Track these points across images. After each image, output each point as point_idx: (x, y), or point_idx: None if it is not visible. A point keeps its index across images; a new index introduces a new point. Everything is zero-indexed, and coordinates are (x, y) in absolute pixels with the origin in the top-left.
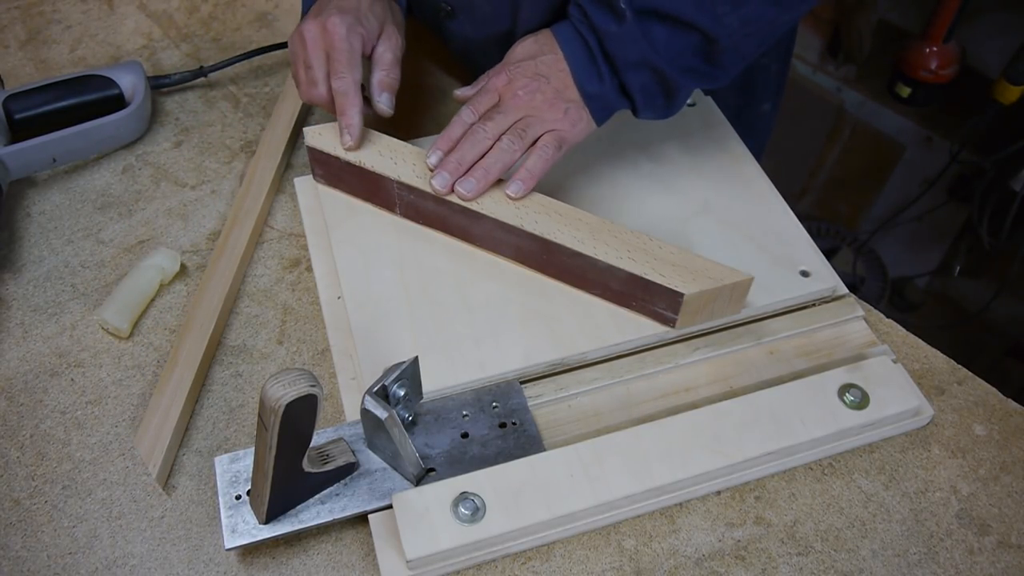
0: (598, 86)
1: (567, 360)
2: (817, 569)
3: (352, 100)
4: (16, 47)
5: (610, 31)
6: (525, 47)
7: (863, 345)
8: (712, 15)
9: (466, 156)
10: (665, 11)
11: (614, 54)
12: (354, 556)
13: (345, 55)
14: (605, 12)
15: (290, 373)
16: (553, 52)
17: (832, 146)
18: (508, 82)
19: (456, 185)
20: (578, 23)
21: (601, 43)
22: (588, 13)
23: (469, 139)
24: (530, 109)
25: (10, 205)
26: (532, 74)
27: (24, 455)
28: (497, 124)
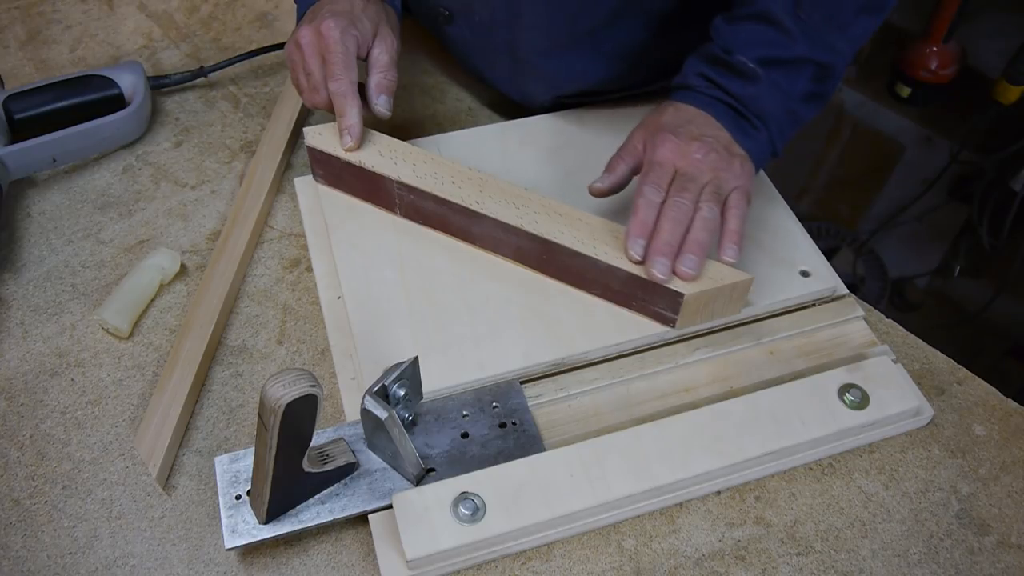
0: (754, 139)
1: (567, 360)
2: (817, 569)
3: (350, 101)
4: (16, 47)
5: (748, 93)
6: (670, 116)
7: (863, 345)
8: (825, 46)
9: (675, 235)
10: (786, 58)
11: (758, 111)
12: (354, 556)
13: (340, 57)
14: (735, 78)
15: (290, 373)
16: (701, 115)
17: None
18: (679, 148)
19: (678, 267)
20: (708, 91)
21: (744, 104)
22: (718, 83)
23: (670, 216)
24: (712, 171)
25: (10, 205)
26: (699, 136)
27: (24, 455)
28: (692, 193)
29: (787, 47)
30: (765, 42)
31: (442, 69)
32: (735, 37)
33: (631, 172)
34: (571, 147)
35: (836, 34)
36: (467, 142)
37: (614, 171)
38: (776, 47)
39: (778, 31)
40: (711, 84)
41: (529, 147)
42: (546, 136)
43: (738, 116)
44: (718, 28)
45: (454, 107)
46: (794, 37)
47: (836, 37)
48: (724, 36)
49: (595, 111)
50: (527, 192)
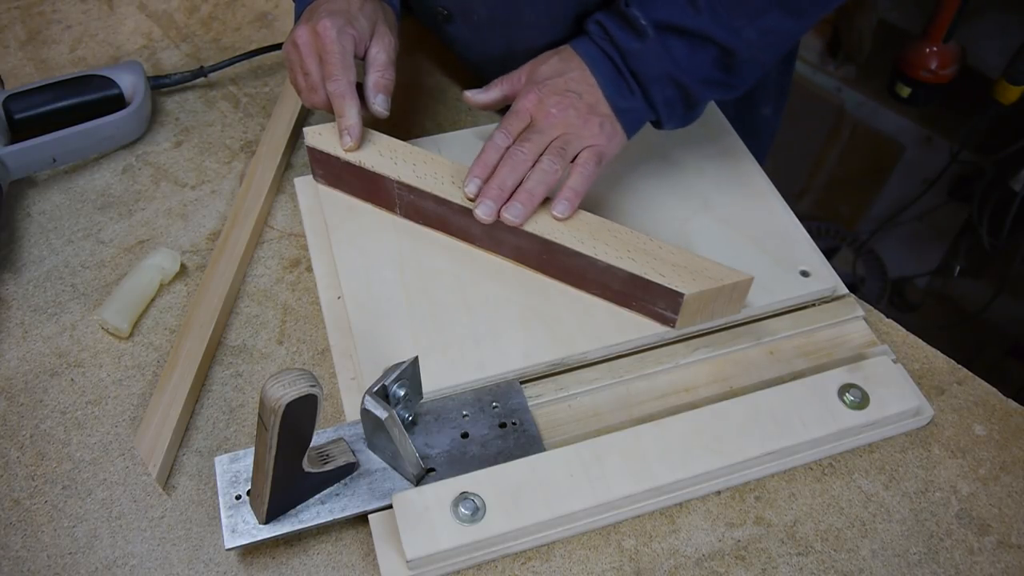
0: (628, 100)
1: (567, 360)
2: (817, 569)
3: (348, 102)
4: (16, 47)
5: (632, 48)
6: (550, 65)
7: (863, 345)
8: (729, 28)
9: (507, 181)
10: (683, 26)
11: (638, 70)
12: (354, 556)
13: (338, 57)
14: (626, 30)
15: (290, 373)
16: (580, 69)
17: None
18: (539, 101)
19: (502, 211)
20: (599, 40)
21: (625, 59)
22: (609, 31)
23: (508, 163)
24: (565, 126)
25: (10, 205)
26: (563, 91)
27: (24, 455)
28: (535, 144)
29: (689, 17)
30: (669, 6)
31: (442, 69)
32: None
33: (503, 97)
34: None
35: (743, 20)
36: (467, 142)
37: (489, 89)
38: (677, 14)
39: (687, 2)
40: (603, 32)
41: None
42: None
43: (617, 74)
44: None
45: (454, 107)
46: (699, 8)
47: (743, 23)
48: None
49: None
50: None
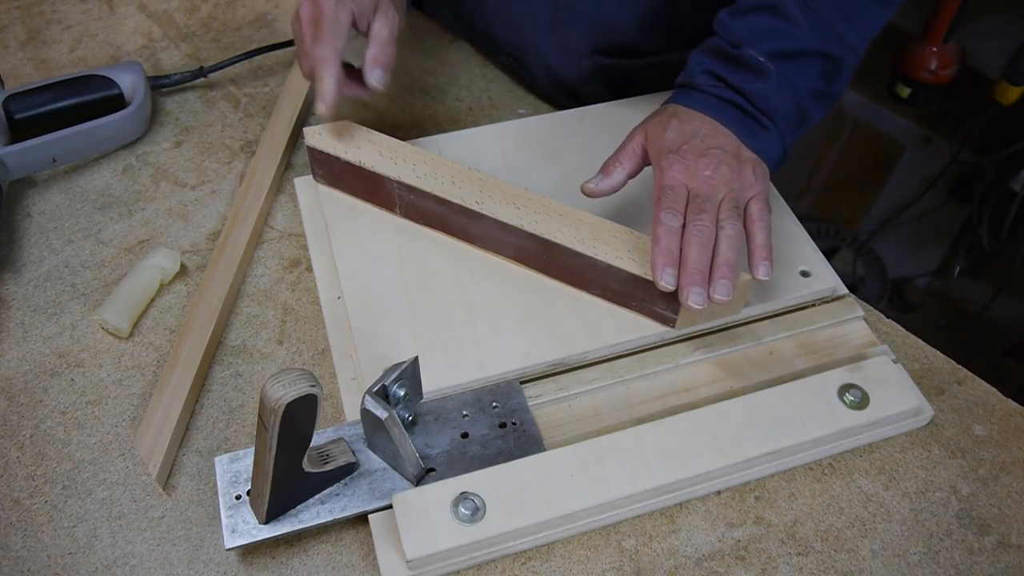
0: (764, 139)
1: (567, 360)
2: (817, 569)
3: (329, 67)
4: (16, 47)
5: (757, 89)
6: (674, 129)
7: (863, 345)
8: (835, 37)
9: (702, 261)
10: (793, 50)
11: (767, 108)
12: (354, 556)
13: (329, 24)
14: (745, 73)
15: (290, 373)
16: (707, 123)
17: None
18: (687, 168)
19: (712, 294)
20: (714, 89)
21: (751, 101)
22: (726, 78)
23: (694, 243)
24: (726, 185)
25: (10, 205)
26: (705, 150)
27: (24, 455)
28: (710, 214)
29: (796, 38)
30: (774, 34)
31: (442, 69)
32: (742, 30)
33: (627, 177)
34: (571, 147)
35: (845, 25)
36: (467, 142)
37: (610, 174)
38: (785, 39)
39: (787, 22)
40: (719, 82)
41: (529, 147)
42: (546, 136)
43: (745, 115)
44: (723, 23)
45: (454, 107)
46: (803, 28)
47: (845, 28)
48: (730, 30)
49: (595, 111)
50: (527, 192)
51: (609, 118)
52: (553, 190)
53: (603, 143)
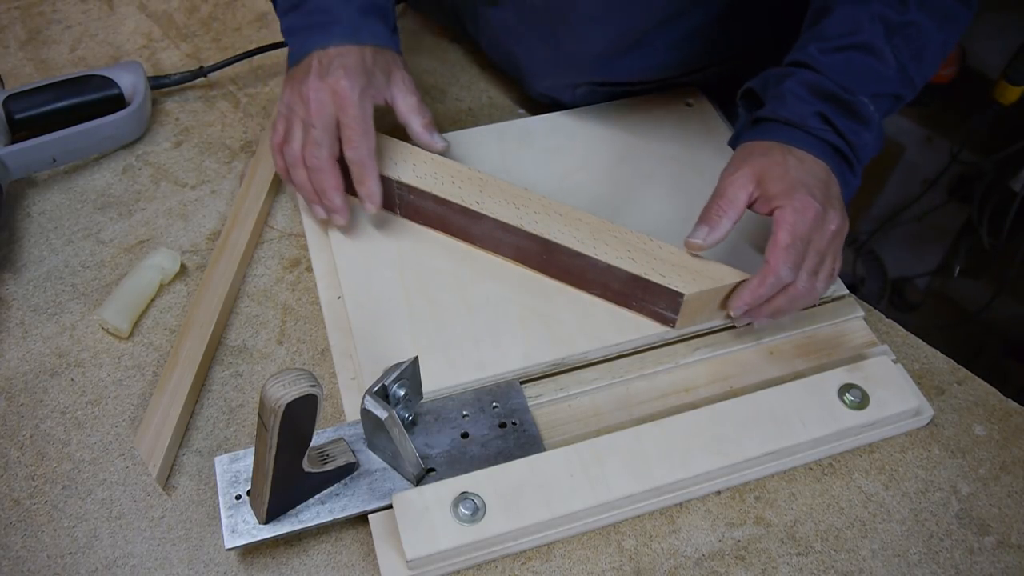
0: (851, 185)
1: (567, 360)
2: (817, 569)
3: (370, 170)
4: (16, 47)
5: (862, 140)
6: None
7: (863, 345)
8: (909, 82)
9: (784, 311)
10: (885, 92)
11: (862, 157)
12: (354, 556)
13: (359, 123)
14: (853, 120)
15: (290, 373)
16: (822, 168)
17: None
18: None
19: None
20: (824, 134)
21: (854, 151)
22: (837, 126)
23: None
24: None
25: (10, 205)
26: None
27: (24, 455)
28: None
29: (886, 81)
30: (872, 75)
31: (442, 69)
32: (845, 70)
33: (732, 225)
34: (571, 147)
35: (915, 66)
36: (467, 142)
37: (717, 226)
38: (883, 83)
39: (880, 63)
40: (829, 127)
41: (529, 147)
42: (546, 136)
43: (843, 161)
44: (813, 57)
45: (454, 107)
46: (891, 69)
47: (915, 69)
48: (833, 69)
49: (595, 111)
50: (527, 192)
51: (609, 118)
52: (553, 190)
53: (603, 143)
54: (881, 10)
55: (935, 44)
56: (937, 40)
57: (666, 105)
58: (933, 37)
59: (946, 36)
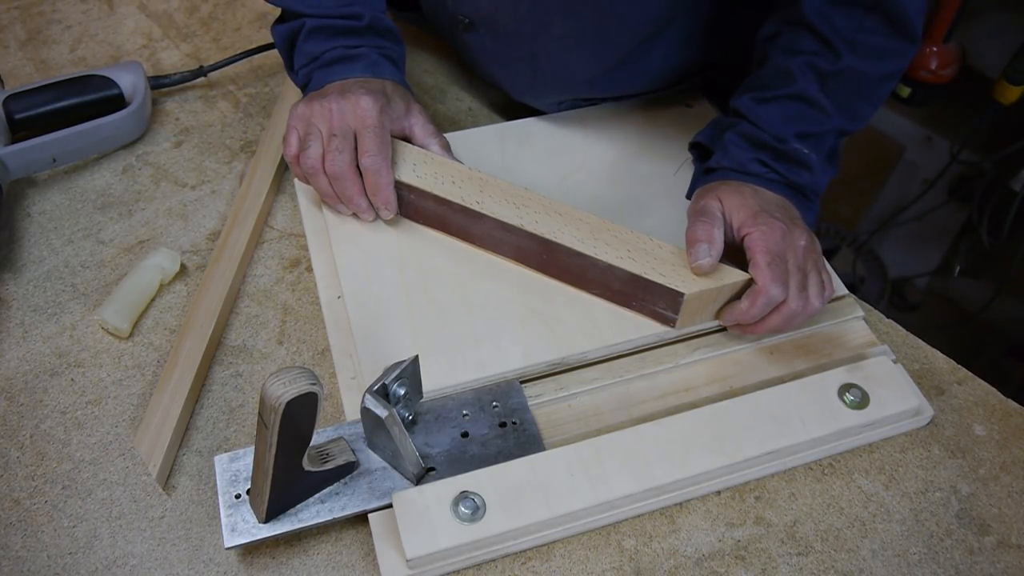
0: (812, 210)
1: (567, 360)
2: (817, 569)
3: (385, 179)
4: (16, 47)
5: (806, 181)
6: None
7: (863, 345)
8: (850, 115)
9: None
10: (820, 131)
11: (816, 192)
12: (354, 556)
13: (377, 134)
14: (791, 165)
15: (290, 371)
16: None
17: None
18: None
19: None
20: (770, 175)
21: (801, 187)
22: (777, 169)
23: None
24: (811, 256)
25: (10, 205)
26: (792, 218)
27: (24, 455)
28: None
29: (822, 122)
30: (803, 120)
31: (442, 69)
32: (777, 120)
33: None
34: (571, 147)
35: (861, 104)
36: (467, 142)
37: (713, 240)
38: (813, 123)
39: (815, 109)
40: (771, 171)
41: (529, 147)
42: (546, 136)
43: (796, 192)
44: (749, 108)
45: (454, 107)
46: (828, 113)
47: (860, 105)
48: (765, 120)
49: (595, 111)
50: (527, 192)
51: (609, 118)
52: (553, 190)
53: (603, 143)
54: (812, 60)
55: (875, 80)
56: (876, 76)
57: (666, 106)
58: (873, 75)
59: (889, 70)
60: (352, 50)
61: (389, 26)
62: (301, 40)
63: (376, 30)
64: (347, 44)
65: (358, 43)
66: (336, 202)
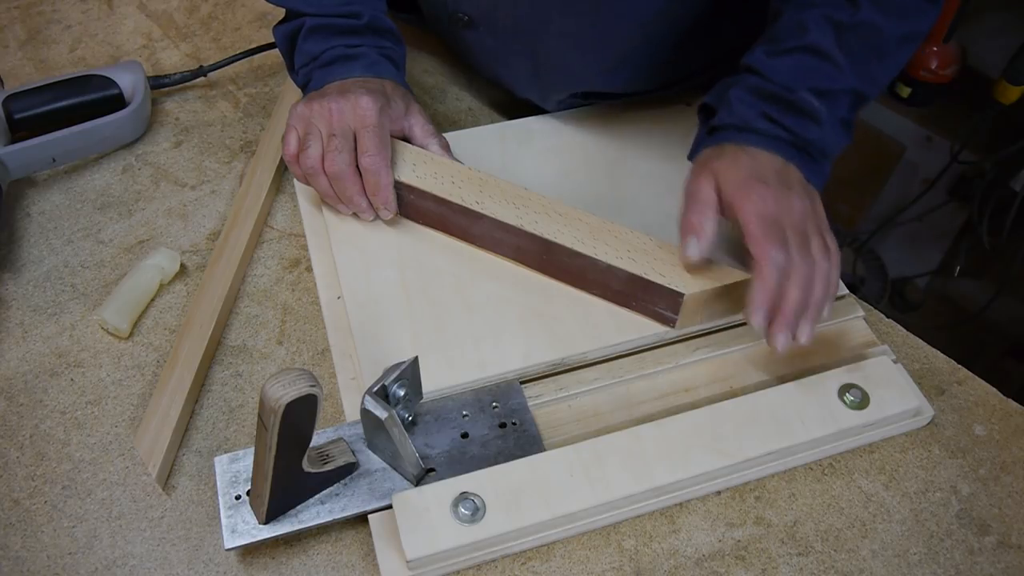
0: (819, 173)
1: (567, 360)
2: (817, 569)
3: (384, 179)
4: (16, 47)
5: (814, 135)
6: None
7: (863, 345)
8: (867, 76)
9: (802, 303)
10: (834, 88)
11: (822, 149)
12: (354, 556)
13: (377, 134)
14: (801, 118)
15: (290, 373)
16: (776, 160)
17: None
18: (777, 200)
19: (799, 337)
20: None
21: (809, 144)
22: (786, 125)
23: (799, 283)
24: (810, 219)
25: (10, 205)
26: (789, 183)
27: (24, 455)
28: (811, 251)
29: (836, 79)
30: (818, 74)
31: (442, 69)
32: (785, 69)
33: (716, 225)
34: (571, 147)
35: (876, 64)
36: (467, 142)
37: (703, 232)
38: (828, 79)
39: (828, 63)
40: (777, 125)
41: (529, 147)
42: (546, 136)
43: (802, 153)
44: (760, 61)
45: (454, 107)
46: (843, 69)
47: (876, 67)
48: (773, 69)
49: (595, 111)
50: (527, 192)
51: (610, 118)
52: (553, 190)
53: (603, 143)
54: (829, 12)
55: (893, 40)
56: (895, 36)
57: (665, 105)
58: (891, 33)
59: (908, 30)
60: (352, 49)
61: (389, 26)
62: (301, 40)
63: (376, 30)
64: (347, 43)
65: (358, 42)
66: (336, 202)
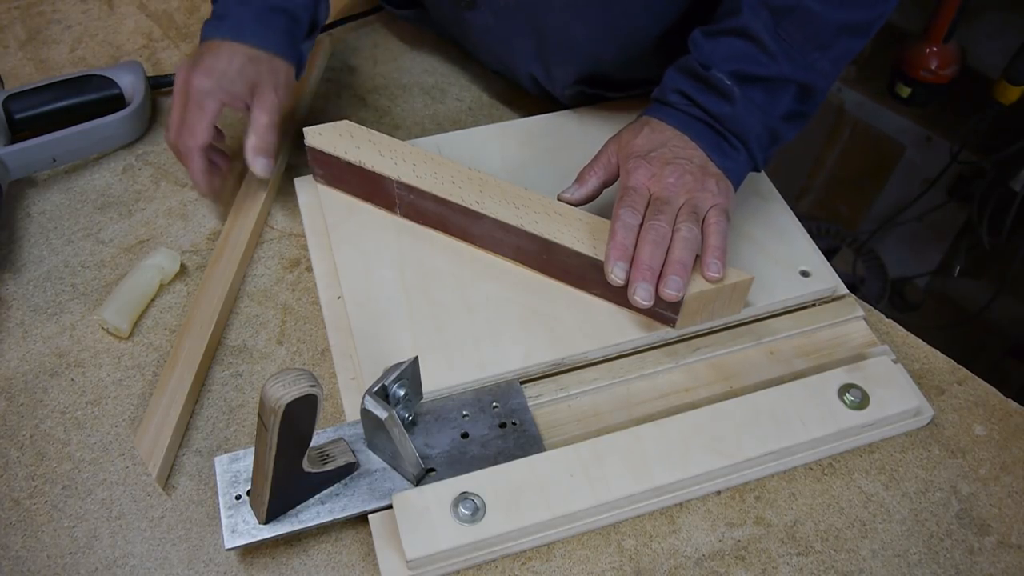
0: (733, 159)
1: (567, 360)
2: (817, 569)
3: (192, 161)
4: (16, 47)
5: (725, 112)
6: (644, 137)
7: (863, 345)
8: (805, 66)
9: (654, 258)
10: (765, 76)
11: (737, 130)
12: (354, 556)
13: (194, 114)
14: (712, 95)
15: (290, 373)
16: (677, 136)
17: (832, 146)
18: (652, 174)
19: (661, 288)
20: (686, 107)
21: (721, 123)
22: (696, 100)
23: (649, 240)
24: (687, 192)
25: (10, 205)
26: (671, 159)
27: (24, 455)
28: (668, 216)
29: (766, 65)
30: (743, 58)
31: (442, 69)
32: (713, 51)
33: (602, 185)
34: (571, 147)
35: (816, 54)
36: (467, 142)
37: (585, 183)
38: (754, 64)
39: (757, 48)
40: (689, 101)
41: (529, 147)
42: (546, 136)
43: (715, 134)
44: (696, 41)
45: (454, 107)
46: (774, 56)
47: (817, 57)
48: (702, 50)
49: (595, 111)
50: (527, 192)
51: (609, 118)
52: (553, 190)
53: (603, 143)
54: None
55: (831, 28)
56: (833, 23)
57: None
58: (827, 18)
59: (848, 19)
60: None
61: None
62: None
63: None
64: None
65: None
66: None
